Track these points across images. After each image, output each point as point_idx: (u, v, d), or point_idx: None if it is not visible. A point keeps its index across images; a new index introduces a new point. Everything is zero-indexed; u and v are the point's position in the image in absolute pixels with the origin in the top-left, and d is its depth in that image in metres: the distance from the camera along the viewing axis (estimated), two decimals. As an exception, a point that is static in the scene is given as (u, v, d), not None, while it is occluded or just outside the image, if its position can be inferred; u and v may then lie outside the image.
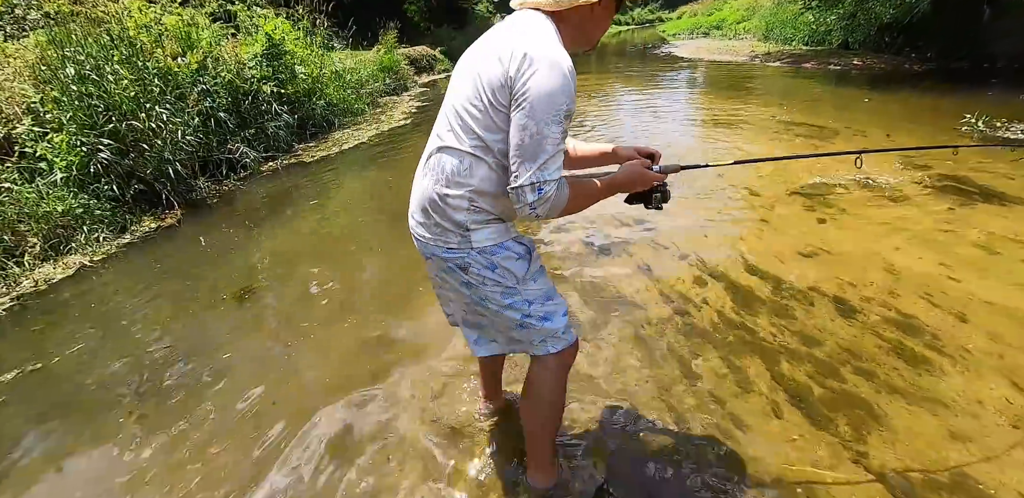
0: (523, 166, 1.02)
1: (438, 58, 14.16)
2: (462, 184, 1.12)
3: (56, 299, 3.07)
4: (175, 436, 1.89)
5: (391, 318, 2.53)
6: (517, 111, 1.01)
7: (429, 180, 1.16)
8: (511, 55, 1.00)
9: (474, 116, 1.07)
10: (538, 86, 0.98)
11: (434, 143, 1.17)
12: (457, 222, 1.14)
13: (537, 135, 1.00)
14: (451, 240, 1.17)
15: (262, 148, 5.69)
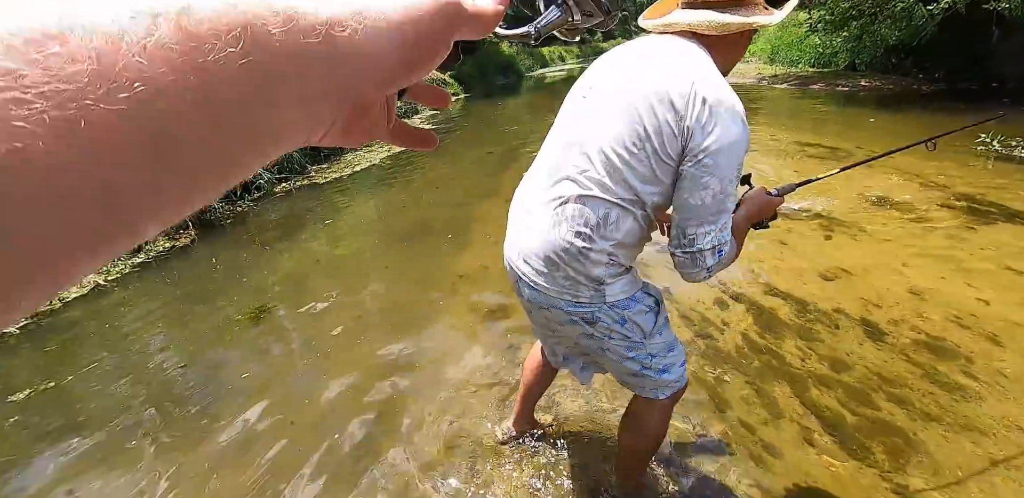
0: (702, 228, 0.93)
1: (447, 82, 14.43)
2: (607, 238, 1.00)
3: (70, 318, 3.07)
4: (190, 457, 1.86)
5: (406, 338, 2.49)
6: (695, 167, 0.90)
7: (563, 230, 1.01)
8: (688, 101, 0.88)
9: (630, 165, 0.95)
10: (722, 141, 0.87)
11: (568, 188, 1.01)
12: (593, 276, 1.03)
13: (720, 194, 0.91)
14: (582, 294, 1.05)
15: (275, 169, 5.76)
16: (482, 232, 3.84)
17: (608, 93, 1.01)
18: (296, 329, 2.71)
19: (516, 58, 22.06)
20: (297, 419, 2.00)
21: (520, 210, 1.15)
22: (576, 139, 1.03)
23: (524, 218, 1.12)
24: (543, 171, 1.10)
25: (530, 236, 1.08)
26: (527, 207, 1.12)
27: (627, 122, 0.94)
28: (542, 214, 1.06)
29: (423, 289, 2.98)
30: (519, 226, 1.14)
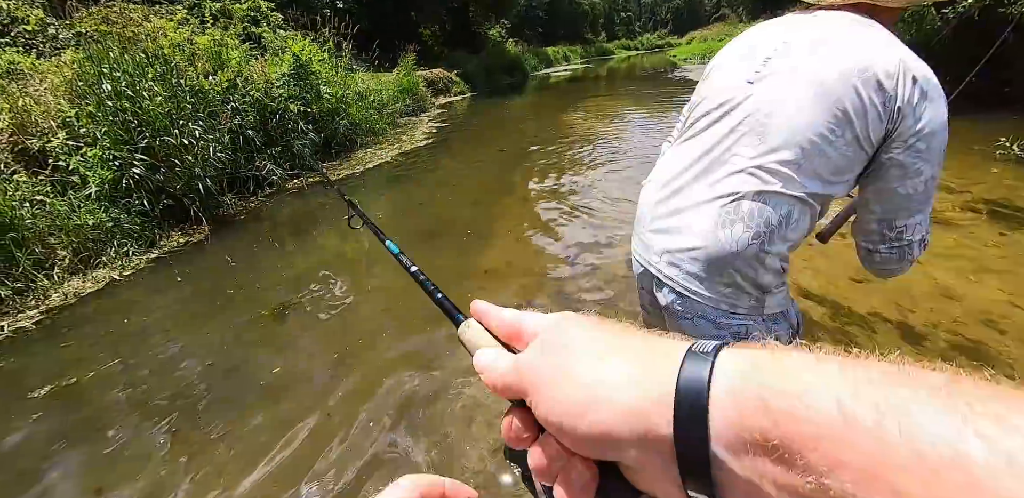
0: (912, 218, 0.86)
1: (454, 80, 14.40)
2: (786, 240, 0.89)
3: (85, 313, 3.02)
4: (221, 453, 1.82)
5: (436, 333, 2.47)
6: (906, 153, 0.81)
7: (738, 231, 0.89)
8: (898, 80, 0.79)
9: (825, 154, 0.84)
10: (935, 122, 0.80)
11: (742, 183, 0.89)
12: (761, 284, 0.92)
13: (931, 180, 0.83)
14: (741, 303, 0.93)
15: (288, 166, 5.72)
16: (503, 229, 3.82)
17: (788, 75, 0.89)
18: (322, 325, 2.67)
19: (522, 57, 22.05)
20: (331, 413, 1.96)
21: (661, 208, 1.02)
22: (748, 128, 0.91)
23: (669, 217, 1.00)
24: (694, 165, 0.98)
25: (683, 237, 0.96)
26: (673, 205, 1.00)
27: (822, 106, 0.83)
28: (701, 212, 0.94)
29: (450, 284, 2.95)
30: (660, 225, 1.01)
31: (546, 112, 10.42)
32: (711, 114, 0.99)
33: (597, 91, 14.22)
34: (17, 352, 2.66)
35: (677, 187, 1.01)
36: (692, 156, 1.00)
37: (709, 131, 0.98)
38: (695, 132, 1.02)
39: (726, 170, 0.93)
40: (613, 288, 2.74)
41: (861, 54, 0.82)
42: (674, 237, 0.98)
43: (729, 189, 0.91)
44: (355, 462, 1.74)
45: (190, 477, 1.74)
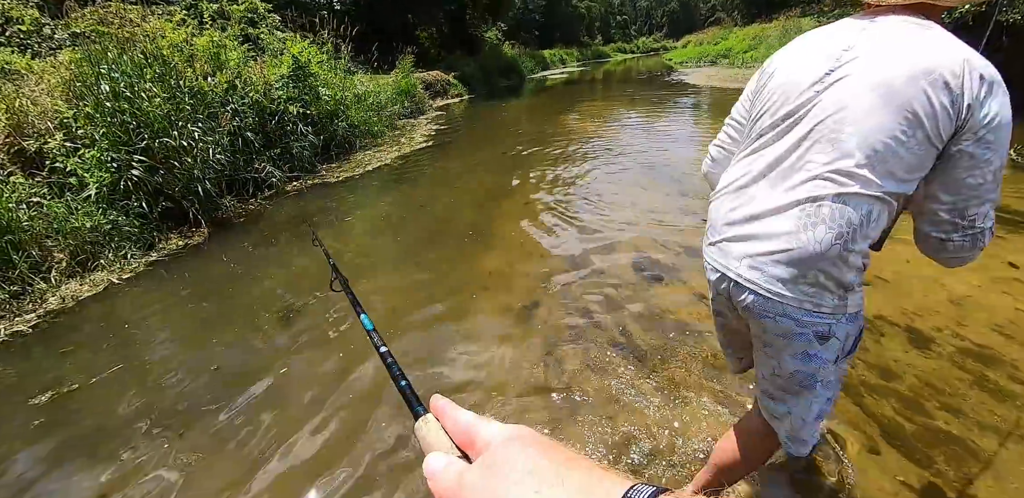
0: (983, 207, 0.90)
1: (452, 83, 14.40)
2: (868, 237, 0.94)
3: (85, 317, 2.98)
4: (229, 461, 1.78)
5: (442, 333, 2.47)
6: (976, 145, 0.86)
7: (820, 233, 0.93)
8: (964, 79, 0.83)
9: (898, 155, 0.88)
10: (1002, 115, 0.84)
11: (820, 188, 0.93)
12: (845, 282, 0.96)
13: (999, 169, 0.88)
14: (825, 303, 0.96)
15: (287, 168, 5.68)
16: (505, 230, 3.81)
17: (855, 81, 0.92)
18: (328, 329, 2.64)
19: (519, 60, 22.08)
20: (345, 417, 1.94)
21: (735, 216, 1.06)
22: (820, 136, 0.95)
23: (745, 224, 1.04)
24: (767, 174, 1.02)
25: (763, 242, 1.00)
26: (749, 212, 1.03)
27: (892, 109, 0.87)
28: (780, 217, 0.98)
29: (453, 287, 2.95)
30: (738, 232, 1.05)
31: (544, 115, 10.43)
32: (779, 125, 1.03)
33: (594, 94, 14.26)
34: (15, 357, 2.62)
35: (751, 195, 1.04)
36: (763, 165, 1.04)
37: (779, 141, 1.02)
38: (764, 143, 1.06)
39: (801, 177, 0.96)
40: (614, 290, 2.73)
41: (926, 57, 0.86)
42: (753, 242, 1.02)
43: (806, 194, 0.95)
44: (365, 464, 1.71)
45: (196, 482, 1.71)
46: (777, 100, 1.04)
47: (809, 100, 0.97)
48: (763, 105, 1.07)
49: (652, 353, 2.19)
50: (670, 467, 1.62)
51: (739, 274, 1.04)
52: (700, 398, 1.91)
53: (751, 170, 1.06)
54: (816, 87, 0.97)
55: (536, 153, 6.38)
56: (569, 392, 2.00)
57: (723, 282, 1.10)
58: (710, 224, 1.16)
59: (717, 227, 1.12)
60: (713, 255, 1.13)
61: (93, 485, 1.75)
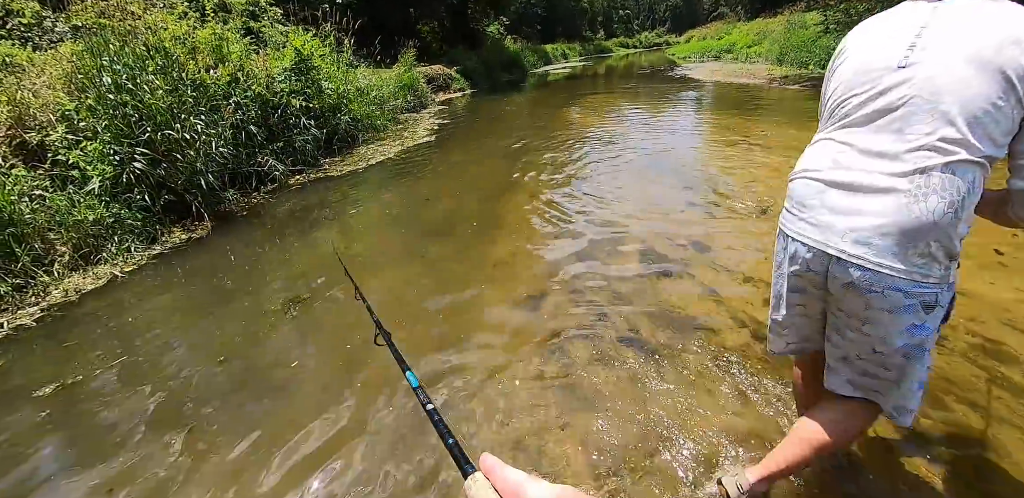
0: None
1: (454, 77, 14.33)
2: (973, 203, 0.98)
3: (87, 311, 2.96)
4: (236, 453, 1.76)
5: (452, 323, 2.47)
6: None
7: (933, 203, 0.96)
8: None
9: (996, 119, 0.94)
10: None
11: (927, 158, 0.97)
12: (954, 252, 1.00)
13: None
14: (932, 273, 1.00)
15: (290, 162, 5.65)
16: (509, 223, 3.79)
17: (942, 56, 0.98)
18: (333, 321, 2.62)
19: (521, 55, 21.96)
20: (354, 407, 1.92)
21: (834, 193, 1.08)
22: (915, 108, 0.99)
23: (847, 199, 1.06)
24: (864, 148, 1.05)
25: (868, 216, 1.02)
26: (850, 188, 1.05)
27: (986, 77, 0.93)
28: (887, 190, 1.00)
29: (460, 279, 2.94)
30: (839, 207, 1.07)
31: (546, 109, 10.37)
32: (871, 103, 1.06)
33: (596, 89, 14.18)
34: (18, 350, 2.60)
35: (851, 170, 1.07)
36: (860, 141, 1.07)
37: (875, 117, 1.06)
38: (856, 121, 1.09)
39: (903, 147, 1.00)
40: (621, 284, 2.70)
41: (1008, 27, 0.94)
42: (859, 217, 1.04)
43: (914, 165, 0.98)
44: (377, 453, 1.69)
45: (205, 475, 1.70)
46: (863, 80, 1.08)
47: (897, 77, 1.02)
48: (847, 86, 1.12)
49: (661, 347, 2.16)
50: (677, 461, 1.60)
51: (842, 250, 1.05)
52: (712, 393, 1.89)
53: (846, 147, 1.09)
54: (903, 64, 1.02)
55: (539, 147, 6.34)
56: (578, 384, 1.98)
57: (820, 259, 1.11)
58: (798, 202, 1.17)
59: (810, 204, 1.13)
60: (807, 232, 1.13)
61: (100, 477, 1.73)
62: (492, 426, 1.81)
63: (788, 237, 1.19)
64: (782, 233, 1.23)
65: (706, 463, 1.59)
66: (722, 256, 2.93)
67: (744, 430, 1.70)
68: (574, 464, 1.62)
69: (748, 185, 4.13)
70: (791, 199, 1.20)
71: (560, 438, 1.73)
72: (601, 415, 1.82)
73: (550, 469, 1.61)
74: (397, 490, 1.58)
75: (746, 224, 3.36)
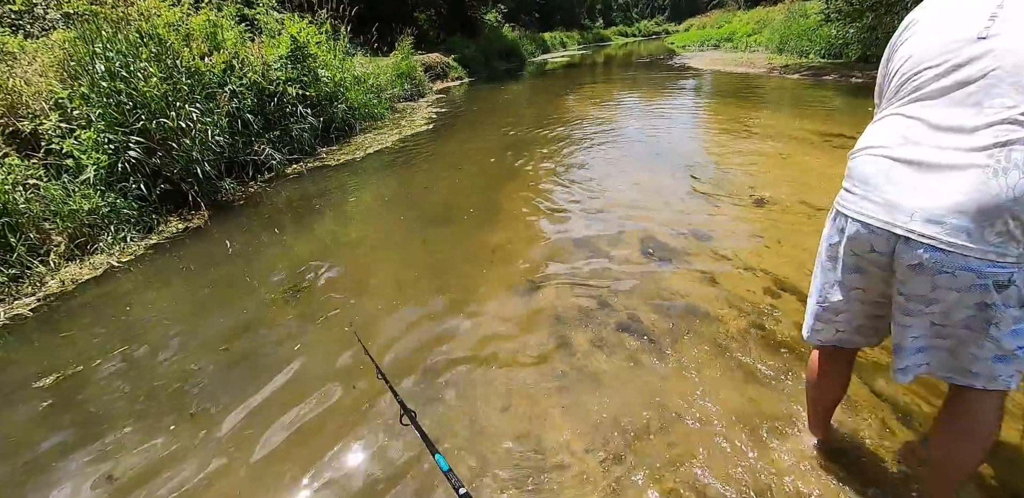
0: None
1: (452, 65, 14.18)
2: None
3: (84, 301, 2.95)
4: (241, 435, 1.77)
5: (454, 313, 2.47)
6: None
7: (1014, 178, 0.91)
8: None
9: None
10: None
11: (1007, 132, 0.93)
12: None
13: None
14: (1009, 252, 0.96)
15: (286, 150, 5.60)
16: (507, 210, 3.78)
17: (1020, 26, 0.97)
18: (337, 305, 2.63)
19: (519, 43, 21.73)
20: (355, 392, 1.92)
21: (902, 169, 1.04)
22: (997, 80, 0.96)
23: (917, 175, 1.02)
24: (937, 122, 1.02)
25: (941, 194, 0.98)
26: (921, 164, 1.02)
27: None
28: (963, 166, 0.96)
29: (458, 264, 2.95)
30: (908, 184, 1.03)
31: (545, 97, 10.29)
32: (946, 76, 1.03)
33: (595, 77, 14.06)
34: (16, 341, 2.59)
35: (922, 146, 1.03)
36: (933, 116, 1.03)
37: (950, 91, 1.02)
38: (927, 94, 1.06)
39: (982, 121, 0.96)
40: (622, 272, 2.69)
41: None
42: (929, 195, 0.99)
43: (993, 139, 0.94)
44: (376, 439, 1.70)
45: (207, 462, 1.70)
46: (940, 51, 1.05)
47: (977, 49, 0.99)
48: (919, 58, 1.09)
49: (662, 334, 2.16)
50: (670, 447, 1.60)
51: (911, 229, 1.01)
52: (715, 380, 1.89)
53: (916, 122, 1.06)
54: (983, 34, 0.99)
55: (538, 135, 6.29)
56: (578, 371, 1.98)
57: (885, 240, 1.06)
58: (860, 180, 1.13)
59: (874, 182, 1.09)
60: (870, 212, 1.09)
61: (101, 465, 1.73)
62: (494, 411, 1.82)
63: (847, 217, 1.15)
64: (839, 214, 1.19)
65: (713, 447, 1.59)
66: (722, 244, 2.93)
67: (748, 414, 1.70)
68: (576, 451, 1.63)
69: (747, 174, 4.12)
70: (851, 178, 1.17)
71: (558, 424, 1.73)
72: (600, 401, 1.82)
73: (551, 457, 1.61)
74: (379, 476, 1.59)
75: (745, 212, 3.35)
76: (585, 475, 1.53)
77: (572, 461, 1.59)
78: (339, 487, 1.57)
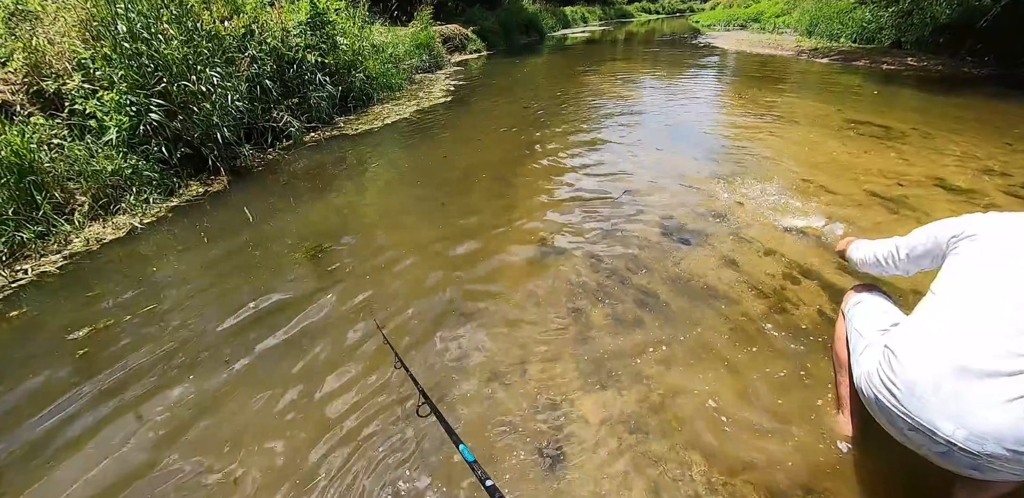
0: None
1: (471, 37, 13.89)
2: None
3: (108, 259, 3.01)
4: (278, 387, 1.84)
5: (471, 281, 2.54)
6: None
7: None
8: None
9: None
10: None
11: None
12: None
13: None
14: None
15: (305, 118, 5.57)
16: (526, 187, 3.76)
17: None
18: (355, 266, 2.71)
19: (539, 17, 21.20)
20: (377, 354, 1.97)
21: (969, 377, 1.05)
22: None
23: (977, 385, 1.04)
24: (1001, 330, 1.06)
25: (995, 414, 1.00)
26: (978, 370, 1.04)
27: None
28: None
29: (477, 234, 3.02)
30: (968, 394, 1.04)
31: (564, 73, 10.09)
32: (1003, 307, 1.09)
33: (615, 54, 13.73)
34: (45, 296, 2.66)
35: (981, 353, 1.06)
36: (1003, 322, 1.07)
37: (1002, 323, 1.07)
38: (985, 319, 1.10)
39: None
40: (640, 251, 2.70)
41: None
42: (984, 415, 1.01)
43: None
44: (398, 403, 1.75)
45: (231, 414, 1.77)
46: (1005, 285, 1.12)
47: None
48: (980, 275, 1.18)
49: (680, 314, 2.18)
50: (677, 429, 1.64)
51: (967, 447, 1.03)
52: (730, 362, 1.91)
53: (977, 324, 1.10)
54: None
55: (556, 111, 6.21)
56: (595, 345, 2.02)
57: (937, 445, 1.09)
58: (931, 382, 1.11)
59: (936, 388, 1.08)
60: (926, 414, 1.09)
61: (138, 416, 1.81)
62: (515, 377, 1.86)
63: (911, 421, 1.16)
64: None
65: (723, 429, 1.63)
66: (743, 228, 2.91)
67: (764, 400, 1.74)
68: (592, 422, 1.67)
69: (769, 158, 4.06)
70: (915, 383, 1.17)
71: (575, 398, 1.78)
72: (612, 378, 1.86)
73: (568, 432, 1.66)
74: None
75: (767, 197, 3.32)
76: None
77: (584, 433, 1.64)
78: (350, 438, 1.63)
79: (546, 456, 1.54)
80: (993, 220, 1.27)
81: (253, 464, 1.59)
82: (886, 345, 1.24)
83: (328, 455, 1.59)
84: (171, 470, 1.59)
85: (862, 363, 1.33)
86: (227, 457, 1.62)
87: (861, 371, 1.31)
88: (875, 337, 1.36)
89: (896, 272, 1.52)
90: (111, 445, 1.69)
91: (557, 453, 1.55)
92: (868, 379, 1.25)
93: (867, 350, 1.35)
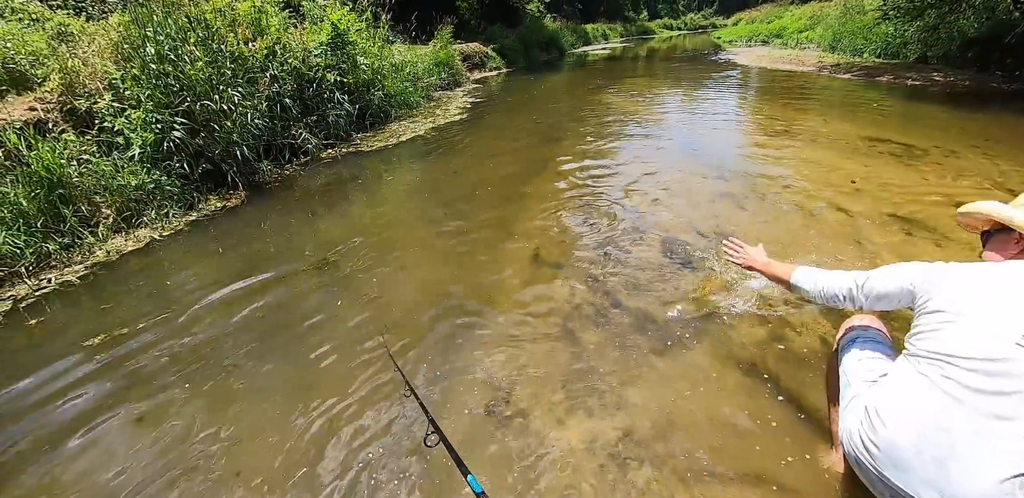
0: None
1: (490, 55, 14.15)
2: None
3: (129, 270, 3.14)
4: (281, 391, 1.87)
5: (478, 282, 2.59)
6: None
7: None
8: None
9: None
10: None
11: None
12: None
13: None
14: None
15: (322, 135, 5.73)
16: (537, 204, 3.77)
17: None
18: (361, 273, 2.83)
19: (560, 34, 21.49)
20: (387, 360, 2.00)
21: (952, 441, 1.02)
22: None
23: (972, 440, 1.00)
24: (981, 392, 1.02)
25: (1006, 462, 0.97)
26: (960, 432, 1.02)
27: None
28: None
29: (483, 249, 3.09)
30: (950, 460, 1.01)
31: (583, 91, 10.17)
32: (980, 366, 1.03)
33: (636, 71, 13.80)
34: (66, 304, 2.78)
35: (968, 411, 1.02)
36: (973, 400, 1.02)
37: (981, 382, 1.03)
38: (965, 379, 1.05)
39: (1012, 434, 0.97)
40: (641, 272, 2.68)
41: None
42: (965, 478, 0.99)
43: (1016, 467, 0.95)
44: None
45: (234, 418, 1.81)
46: (970, 339, 1.06)
47: (1016, 353, 1.00)
48: (956, 326, 1.10)
49: (678, 337, 2.16)
50: (669, 457, 1.61)
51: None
52: (727, 387, 1.88)
53: (963, 384, 1.05)
54: (1020, 342, 1.00)
55: (573, 128, 6.26)
56: (591, 367, 2.00)
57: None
58: (899, 452, 1.08)
59: (927, 450, 1.05)
60: (910, 483, 1.06)
61: (135, 410, 1.86)
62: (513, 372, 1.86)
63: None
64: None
65: (718, 451, 1.59)
66: (748, 248, 2.86)
67: (757, 434, 1.70)
68: (577, 453, 1.65)
69: (785, 178, 4.01)
70: (895, 450, 1.12)
71: (562, 418, 1.76)
72: (604, 401, 1.83)
73: (557, 458, 1.65)
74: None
75: (778, 218, 3.27)
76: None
77: (571, 458, 1.62)
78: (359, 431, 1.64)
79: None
80: (957, 273, 1.20)
81: (254, 473, 1.61)
82: (866, 406, 1.20)
83: (334, 481, 1.61)
84: (167, 483, 1.62)
85: (846, 418, 1.28)
86: (228, 482, 1.65)
87: (844, 427, 1.28)
88: (861, 388, 1.31)
89: (851, 307, 1.43)
90: (115, 448, 1.76)
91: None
92: (850, 438, 1.22)
93: (852, 403, 1.30)
